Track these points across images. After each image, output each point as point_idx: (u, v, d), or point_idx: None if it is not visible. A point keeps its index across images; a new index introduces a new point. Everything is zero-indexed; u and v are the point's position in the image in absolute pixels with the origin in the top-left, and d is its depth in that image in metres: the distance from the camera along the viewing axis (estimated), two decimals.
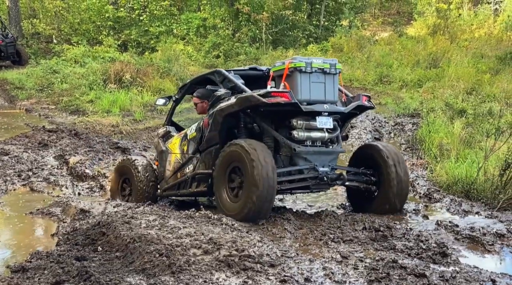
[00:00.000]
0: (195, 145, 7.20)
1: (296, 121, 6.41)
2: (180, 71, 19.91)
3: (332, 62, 6.54)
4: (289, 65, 6.34)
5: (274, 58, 25.03)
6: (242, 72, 7.27)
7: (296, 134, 6.41)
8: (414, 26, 30.79)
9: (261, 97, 6.19)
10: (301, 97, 6.31)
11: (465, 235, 5.98)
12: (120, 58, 20.05)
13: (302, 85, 6.33)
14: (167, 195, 7.82)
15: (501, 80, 16.74)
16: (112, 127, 13.97)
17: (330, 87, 6.48)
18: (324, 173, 6.43)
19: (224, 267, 4.62)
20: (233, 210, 6.26)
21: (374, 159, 6.78)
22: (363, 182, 6.82)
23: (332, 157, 6.62)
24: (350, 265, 4.84)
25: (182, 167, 7.39)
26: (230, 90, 6.81)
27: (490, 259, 5.55)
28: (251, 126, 6.77)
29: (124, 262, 4.84)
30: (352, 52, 23.74)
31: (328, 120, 6.46)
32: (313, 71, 6.38)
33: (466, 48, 22.47)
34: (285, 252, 5.06)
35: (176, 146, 7.58)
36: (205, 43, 26.39)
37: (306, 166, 6.45)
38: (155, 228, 5.50)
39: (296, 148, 6.36)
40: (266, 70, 7.16)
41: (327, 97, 6.47)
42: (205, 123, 7.00)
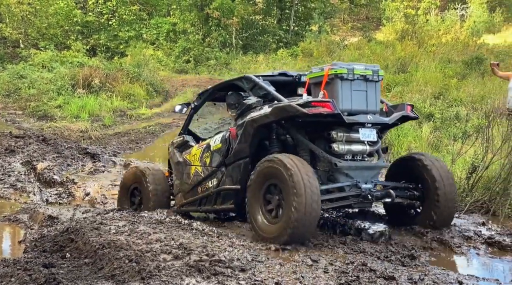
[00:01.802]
0: (220, 157, 6.57)
1: (336, 133, 5.81)
2: (150, 76, 19.84)
3: (374, 68, 5.99)
4: (329, 71, 5.79)
5: (245, 63, 25.13)
6: (271, 78, 6.66)
7: (336, 148, 5.81)
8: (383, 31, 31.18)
9: (301, 107, 5.62)
10: (342, 107, 5.73)
11: (433, 237, 6.05)
12: (89, 63, 19.88)
13: (343, 94, 5.78)
14: (185, 211, 7.17)
15: (467, 84, 17.05)
16: (81, 132, 13.83)
17: (372, 96, 5.91)
18: (367, 190, 5.81)
19: (194, 272, 4.60)
20: (271, 233, 5.56)
21: (418, 172, 6.15)
22: (406, 198, 6.16)
23: (375, 172, 6.06)
24: (321, 269, 4.86)
25: (204, 181, 6.80)
26: (261, 98, 6.27)
27: (458, 261, 5.63)
28: (284, 137, 6.19)
29: (93, 269, 4.79)
30: (322, 57, 23.92)
31: (372, 132, 5.93)
32: (355, 78, 5.82)
33: (434, 53, 22.84)
34: (256, 256, 5.06)
35: (196, 157, 6.94)
36: (175, 48, 26.34)
37: (348, 182, 5.83)
38: (125, 234, 5.45)
39: (337, 163, 5.76)
40: (297, 76, 6.66)
41: (369, 107, 5.90)
42: (232, 134, 6.39)
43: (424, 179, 6.10)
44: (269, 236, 5.57)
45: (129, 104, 18.10)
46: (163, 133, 15.61)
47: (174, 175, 7.33)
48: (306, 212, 5.28)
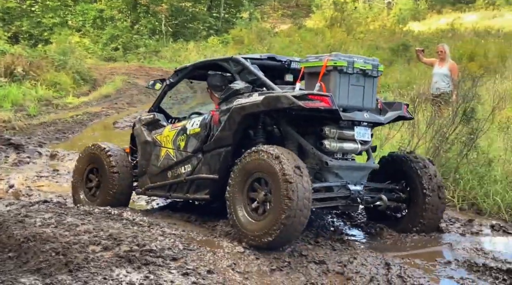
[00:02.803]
0: (197, 142, 6.08)
1: (329, 130, 5.42)
2: (77, 64, 19.37)
3: (374, 62, 5.61)
4: (327, 62, 5.37)
5: (175, 51, 24.87)
6: (259, 61, 6.13)
7: (328, 145, 5.41)
8: (313, 18, 31.56)
9: (297, 99, 5.18)
10: (338, 101, 5.31)
11: (361, 221, 6.19)
12: (11, 51, 19.14)
13: (340, 89, 5.38)
14: (152, 195, 6.79)
15: (394, 70, 17.51)
16: (4, 122, 13.30)
17: (369, 92, 5.54)
18: (356, 192, 5.44)
19: (124, 262, 4.52)
20: (255, 231, 5.13)
21: (404, 172, 5.85)
22: (393, 201, 5.84)
23: (365, 173, 5.68)
24: (252, 255, 4.89)
25: (176, 166, 6.31)
26: (250, 83, 5.82)
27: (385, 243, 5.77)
28: (271, 128, 5.78)
29: (17, 263, 4.63)
30: (253, 44, 23.99)
31: (367, 131, 5.59)
32: (354, 72, 5.43)
33: (362, 40, 23.31)
34: (188, 245, 5.02)
35: (169, 139, 6.41)
36: (103, 35, 25.80)
37: (337, 183, 5.45)
38: (51, 226, 5.30)
39: (328, 162, 5.37)
40: (287, 61, 6.20)
41: (365, 104, 5.53)
42: (215, 120, 5.90)
43: (412, 180, 5.79)
44: (252, 234, 5.14)
45: (55, 93, 17.59)
46: (91, 122, 15.26)
47: (139, 155, 6.74)
48: (297, 209, 4.88)
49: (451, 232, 6.03)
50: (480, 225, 6.29)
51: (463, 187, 7.14)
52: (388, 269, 4.68)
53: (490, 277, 4.79)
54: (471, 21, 27.51)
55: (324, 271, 4.62)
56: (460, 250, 5.40)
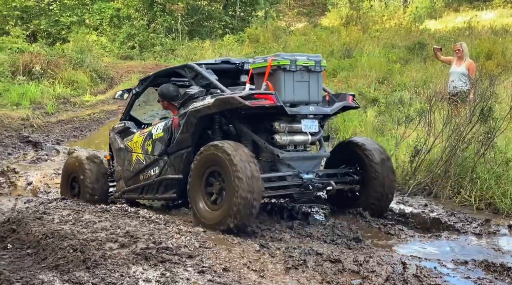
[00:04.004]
0: (162, 146, 6.51)
1: (279, 125, 5.85)
2: (94, 62, 19.46)
3: (316, 58, 6.01)
4: (272, 62, 5.79)
5: (191, 49, 24.92)
6: (214, 66, 6.62)
7: (279, 139, 5.85)
8: (328, 17, 31.44)
9: (243, 99, 5.60)
10: (285, 98, 5.74)
11: (377, 221, 6.17)
12: (29, 49, 19.30)
13: (286, 85, 5.79)
14: (127, 198, 7.17)
15: (410, 69, 17.38)
16: (22, 120, 13.44)
17: (314, 86, 5.95)
18: (308, 180, 5.86)
19: (141, 260, 4.55)
20: (212, 220, 5.56)
21: (357, 156, 6.27)
22: (347, 183, 6.27)
23: (316, 162, 6.14)
24: (268, 254, 4.89)
25: (146, 169, 6.74)
26: (204, 87, 6.24)
27: (401, 243, 5.76)
28: (227, 128, 6.20)
29: (36, 259, 4.69)
30: (268, 42, 23.96)
31: (314, 123, 5.99)
32: (297, 69, 5.83)
33: (378, 39, 23.17)
34: (203, 243, 5.04)
35: (138, 145, 6.87)
36: (120, 33, 25.90)
37: (289, 172, 5.88)
38: (69, 223, 5.35)
39: (279, 154, 5.81)
40: (240, 63, 6.63)
41: (311, 98, 5.94)
42: (175, 124, 6.35)
43: (363, 162, 6.21)
44: (210, 222, 5.55)
45: (73, 91, 17.72)
46: (108, 120, 15.35)
47: (115, 161, 7.24)
48: (247, 197, 5.27)
49: (468, 232, 6.00)
50: (497, 225, 6.24)
51: (480, 187, 7.09)
52: (405, 269, 4.66)
53: (507, 278, 4.75)
54: (489, 19, 27.23)
55: (339, 269, 4.61)
56: (477, 250, 5.37)
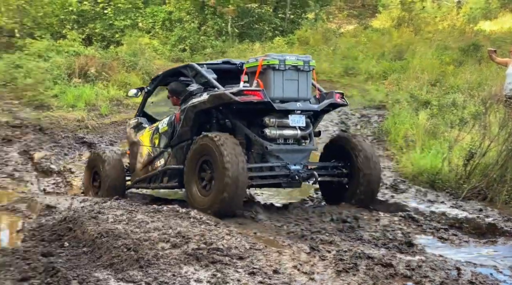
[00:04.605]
0: (166, 139, 7.12)
1: (269, 119, 6.38)
2: (146, 65, 19.73)
3: (305, 59, 6.49)
4: (262, 62, 6.29)
5: (241, 51, 25.02)
6: (215, 66, 7.17)
7: (269, 132, 6.38)
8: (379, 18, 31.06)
9: (234, 95, 6.13)
10: (274, 94, 6.28)
11: (430, 225, 6.07)
12: (85, 52, 19.74)
13: (275, 83, 6.30)
14: (137, 187, 7.78)
15: (464, 71, 17.01)
16: (78, 122, 13.78)
17: (303, 85, 6.45)
18: (295, 171, 6.39)
19: (192, 260, 4.61)
20: (203, 204, 6.19)
21: (346, 151, 6.72)
22: (335, 176, 6.78)
23: (304, 154, 6.60)
24: (318, 256, 4.88)
25: (154, 161, 7.32)
26: (203, 85, 6.75)
27: (455, 248, 5.65)
28: (223, 122, 6.71)
29: (91, 257, 4.80)
30: (318, 45, 23.83)
31: (301, 118, 6.45)
32: (287, 68, 6.33)
33: (430, 40, 22.76)
34: (254, 244, 5.07)
35: (147, 138, 7.47)
36: (171, 36, 26.21)
37: (278, 163, 6.41)
38: (123, 223, 5.46)
39: (268, 146, 6.33)
40: (240, 64, 7.07)
41: (300, 95, 6.45)
42: (177, 118, 6.96)
43: (351, 157, 6.66)
44: (202, 207, 6.15)
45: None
46: None
47: (130, 154, 7.86)
48: (233, 183, 5.85)
49: None
50: None
51: None
52: (459, 275, 4.57)
53: None
54: None
55: (391, 274, 4.56)
56: None
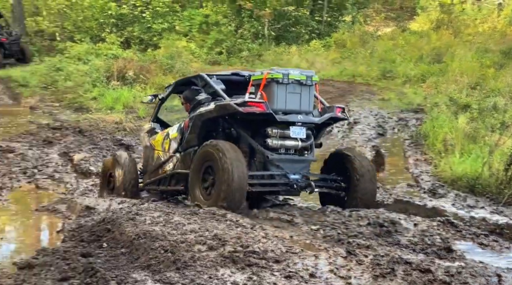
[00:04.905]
0: (176, 145, 7.45)
1: (271, 130, 6.65)
2: (183, 68, 19.88)
3: (308, 74, 6.76)
4: (267, 75, 6.61)
5: (277, 54, 25.04)
6: (224, 77, 7.46)
7: (270, 142, 6.65)
8: (417, 21, 30.70)
9: (238, 106, 6.44)
10: (277, 106, 6.59)
11: (470, 230, 5.97)
12: (123, 55, 20.03)
13: (278, 96, 6.59)
14: (148, 189, 8.10)
15: (505, 74, 16.68)
16: (116, 124, 13.97)
17: (305, 98, 6.72)
18: (294, 180, 6.70)
19: (229, 263, 4.62)
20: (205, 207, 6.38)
21: (344, 166, 6.99)
22: (333, 189, 7.06)
23: (304, 165, 6.91)
24: (355, 261, 4.84)
25: (163, 164, 7.67)
26: (211, 95, 7.10)
27: (495, 254, 5.55)
28: (229, 130, 7.00)
29: (129, 258, 4.85)
30: (355, 47, 23.69)
31: (302, 130, 6.73)
32: (290, 82, 6.61)
33: (470, 43, 22.41)
34: (290, 248, 5.06)
35: (159, 143, 7.82)
36: (208, 39, 26.37)
37: (277, 172, 6.71)
38: (160, 225, 5.51)
39: (269, 156, 6.64)
40: (248, 76, 7.28)
41: (302, 107, 6.73)
42: (185, 125, 7.29)
43: (349, 172, 6.92)
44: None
45: None
46: None
47: (142, 157, 8.25)
48: (233, 188, 6.16)
49: None
50: None
51: None
52: (500, 281, 4.47)
53: None
54: None
55: (429, 280, 4.48)
56: None
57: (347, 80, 20.24)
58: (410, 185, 8.65)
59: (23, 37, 23.94)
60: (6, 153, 10.36)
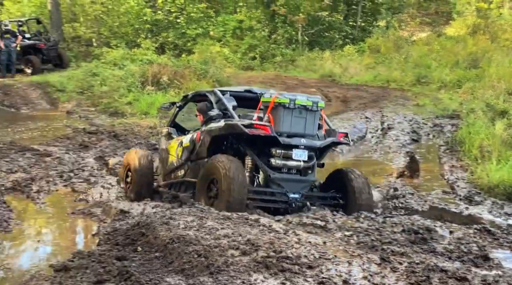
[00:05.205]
0: (187, 153, 7.85)
1: (275, 150, 7.02)
2: (217, 73, 19.98)
3: (315, 100, 7.10)
4: (274, 99, 6.96)
5: (310, 60, 25.01)
6: (237, 93, 7.90)
7: (274, 162, 7.04)
8: (453, 26, 30.34)
9: (245, 127, 6.84)
10: (282, 129, 6.97)
11: (507, 238, 5.86)
12: (158, 61, 20.21)
13: (284, 119, 6.96)
14: (160, 191, 8.35)
15: None
16: (150, 128, 14.11)
17: (310, 122, 7.08)
18: (293, 199, 7.07)
19: (262, 268, 4.62)
20: None
21: (343, 183, 7.38)
22: (331, 206, 7.37)
23: (304, 184, 7.26)
24: (389, 268, 4.80)
25: (176, 170, 8.11)
26: (223, 112, 7.47)
27: None
28: (237, 146, 7.39)
29: (163, 263, 4.88)
30: (389, 53, 23.52)
31: (304, 152, 7.08)
32: (296, 107, 6.95)
33: (508, 48, 22.04)
34: (323, 253, 5.03)
35: (173, 149, 8.21)
36: (242, 45, 26.47)
37: (278, 190, 7.10)
38: (193, 229, 5.53)
39: (271, 174, 7.04)
40: (260, 93, 7.61)
41: (307, 131, 7.10)
42: (197, 137, 7.68)
43: (346, 189, 7.30)
44: None
45: None
46: None
47: (158, 159, 8.68)
48: (233, 200, 6.56)
49: None
50: None
51: None
52: None
53: None
54: None
55: None
56: None
57: (381, 86, 20.10)
58: (446, 192, 8.54)
59: (60, 43, 24.36)
60: (44, 157, 10.54)
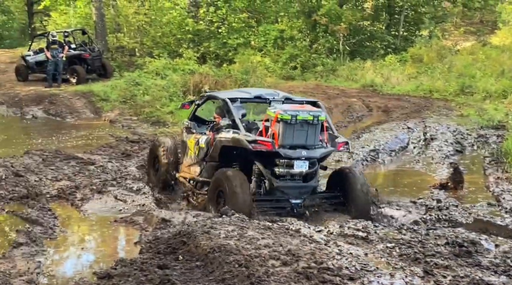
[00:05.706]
0: (203, 154, 8.52)
1: (279, 160, 7.60)
2: (258, 82, 20.03)
3: (316, 114, 7.52)
4: (277, 115, 7.46)
5: (351, 69, 24.87)
6: (248, 100, 8.55)
7: (278, 171, 7.65)
8: (499, 35, 29.81)
9: (249, 143, 7.46)
10: (285, 142, 7.49)
11: None
12: (199, 70, 20.38)
13: (286, 133, 7.47)
14: (178, 182, 9.06)
15: None
16: None
17: (311, 134, 7.58)
18: (295, 205, 7.68)
19: (302, 279, 4.60)
20: None
21: (344, 182, 7.92)
22: (333, 205, 7.95)
23: (306, 190, 7.82)
24: (433, 281, 4.72)
25: (193, 165, 8.75)
26: (232, 122, 8.07)
27: None
28: (245, 153, 7.84)
29: (204, 272, 4.91)
30: (432, 62, 23.23)
31: (305, 163, 7.62)
32: (297, 122, 7.43)
33: None
34: (365, 265, 4.99)
35: (192, 145, 8.83)
36: (282, 54, 26.48)
37: (282, 197, 7.72)
38: (234, 239, 5.54)
39: (274, 183, 7.66)
40: (270, 99, 8.25)
41: (308, 142, 7.59)
42: (211, 141, 8.30)
43: (347, 187, 7.86)
44: None
45: None
46: None
47: (180, 150, 9.31)
48: (237, 210, 6.94)
49: None
50: None
51: None
52: None
53: None
54: None
55: None
56: None
57: (424, 96, 19.85)
58: (491, 204, 8.35)
59: (104, 53, 24.81)
60: (88, 165, 10.71)
